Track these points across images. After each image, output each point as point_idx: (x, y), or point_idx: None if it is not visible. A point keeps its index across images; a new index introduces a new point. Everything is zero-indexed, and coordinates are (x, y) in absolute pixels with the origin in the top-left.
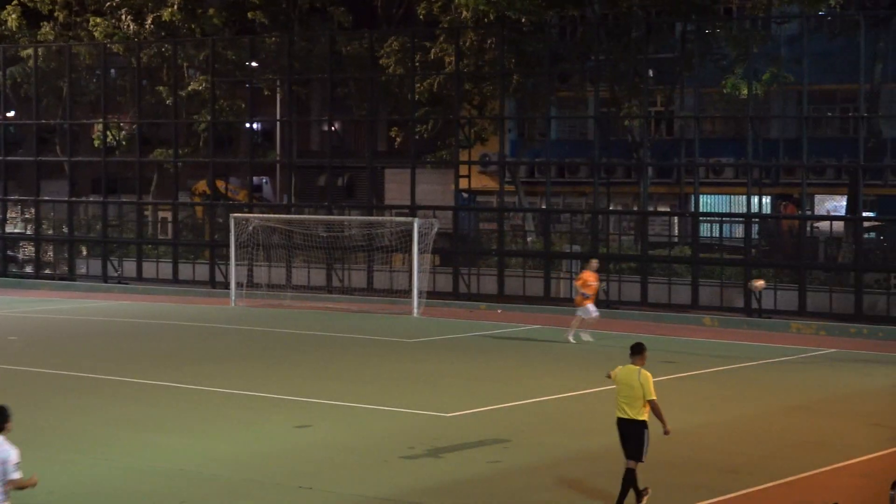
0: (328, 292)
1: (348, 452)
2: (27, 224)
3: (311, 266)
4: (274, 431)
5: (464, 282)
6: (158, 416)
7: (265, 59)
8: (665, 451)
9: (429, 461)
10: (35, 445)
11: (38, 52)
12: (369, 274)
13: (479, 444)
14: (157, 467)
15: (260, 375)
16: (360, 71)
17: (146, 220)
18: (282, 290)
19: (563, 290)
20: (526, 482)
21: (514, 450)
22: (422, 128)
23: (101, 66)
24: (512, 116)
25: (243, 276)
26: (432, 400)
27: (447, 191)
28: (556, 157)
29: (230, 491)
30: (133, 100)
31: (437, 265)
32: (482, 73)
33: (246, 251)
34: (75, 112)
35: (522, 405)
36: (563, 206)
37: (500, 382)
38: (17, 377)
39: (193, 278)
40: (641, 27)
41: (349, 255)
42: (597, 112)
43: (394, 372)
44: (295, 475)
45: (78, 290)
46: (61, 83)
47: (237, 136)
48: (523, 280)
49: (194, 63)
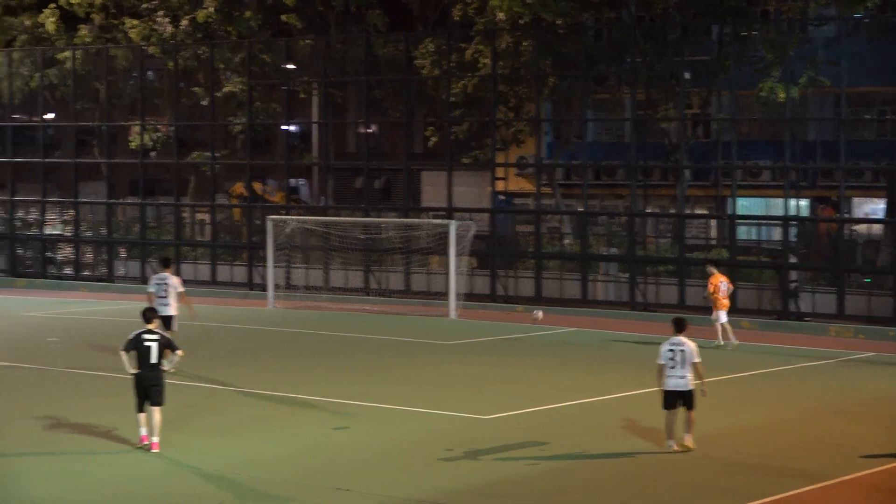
0: (365, 294)
1: (386, 454)
2: (66, 226)
3: (348, 268)
4: (311, 433)
5: (501, 284)
6: (196, 418)
7: (301, 61)
8: (700, 454)
9: (466, 463)
10: (74, 446)
11: (76, 54)
12: (406, 276)
13: (516, 446)
14: (195, 468)
15: (297, 377)
16: (396, 73)
17: (184, 222)
18: (319, 292)
19: (600, 292)
20: (563, 484)
21: (552, 452)
22: (458, 129)
23: (138, 69)
24: (548, 119)
25: (281, 278)
26: (470, 402)
27: (484, 193)
28: (593, 159)
29: (268, 492)
30: (170, 102)
31: (474, 267)
32: (518, 76)
33: (283, 253)
34: (112, 114)
35: (560, 408)
36: (600, 208)
37: (538, 385)
38: (56, 378)
39: (231, 280)
40: (678, 29)
41: (386, 257)
42: (633, 114)
43: (431, 374)
44: (332, 477)
45: (116, 292)
46: (98, 85)
47: (273, 139)
48: (560, 282)
49: (230, 65)
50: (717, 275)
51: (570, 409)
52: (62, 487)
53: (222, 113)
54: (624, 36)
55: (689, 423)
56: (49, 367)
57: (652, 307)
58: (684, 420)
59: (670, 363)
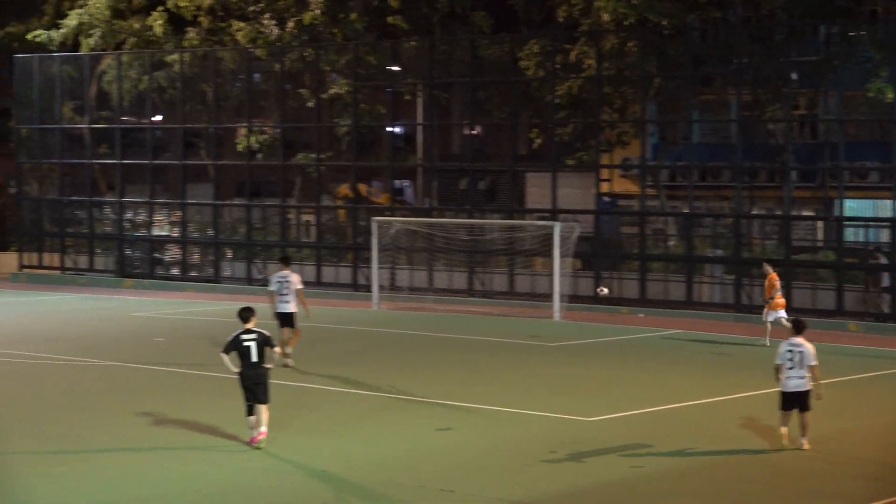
0: (469, 296)
1: (490, 456)
2: (173, 227)
3: (452, 269)
4: (415, 434)
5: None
6: (301, 418)
7: (406, 63)
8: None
9: (570, 465)
10: (179, 444)
11: (184, 57)
12: (510, 277)
13: (620, 448)
14: (300, 468)
15: (401, 378)
16: (501, 74)
17: (289, 223)
18: (423, 293)
19: (705, 294)
20: (668, 487)
21: (657, 455)
22: (562, 131)
23: (245, 71)
24: (653, 120)
25: (385, 279)
26: (574, 404)
27: (588, 194)
28: (698, 160)
29: (372, 493)
30: (276, 104)
31: (579, 269)
32: (623, 77)
33: (388, 254)
34: (220, 116)
35: (664, 410)
36: (706, 209)
37: (642, 387)
38: (163, 378)
39: (336, 281)
40: (784, 30)
41: (490, 258)
42: (739, 115)
43: (535, 375)
44: (436, 478)
45: (222, 292)
46: (206, 88)
47: (378, 140)
48: (665, 284)
49: (336, 67)
50: (774, 274)
51: (675, 411)
52: (167, 486)
53: (328, 115)
54: (730, 36)
55: (804, 426)
56: (156, 367)
57: (757, 309)
58: (798, 422)
59: (788, 364)
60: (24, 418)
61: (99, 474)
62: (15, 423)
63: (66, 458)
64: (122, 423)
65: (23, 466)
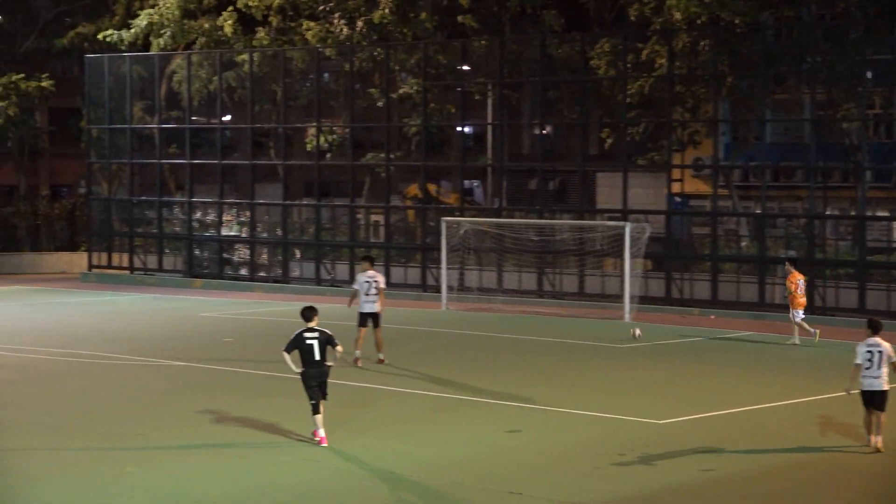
0: (539, 296)
1: (558, 458)
2: (242, 227)
3: (521, 270)
4: (483, 435)
5: (676, 287)
6: (367, 419)
7: (476, 62)
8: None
9: (639, 468)
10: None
11: (254, 56)
12: (580, 278)
13: (691, 451)
14: (367, 469)
15: (470, 379)
16: (571, 73)
17: (358, 224)
18: (493, 294)
19: (777, 295)
20: (739, 492)
21: (727, 459)
22: (633, 130)
23: (315, 71)
24: (726, 119)
25: (454, 280)
26: (643, 406)
27: (659, 195)
28: (771, 160)
29: (438, 495)
30: (345, 103)
31: (649, 270)
32: (695, 76)
33: (457, 255)
34: (289, 116)
35: (735, 413)
36: (778, 210)
37: (713, 390)
38: (232, 378)
39: (405, 281)
40: (859, 28)
41: (560, 259)
42: (813, 115)
43: (605, 377)
44: (504, 480)
45: (291, 293)
46: (275, 87)
47: (448, 140)
48: (737, 285)
49: (405, 66)
50: (796, 273)
51: (747, 413)
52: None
53: (397, 114)
54: (804, 35)
55: (879, 425)
56: (225, 367)
57: (831, 311)
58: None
59: (867, 363)
60: (93, 418)
61: (167, 474)
62: (84, 423)
63: (135, 457)
64: (190, 423)
65: (92, 466)
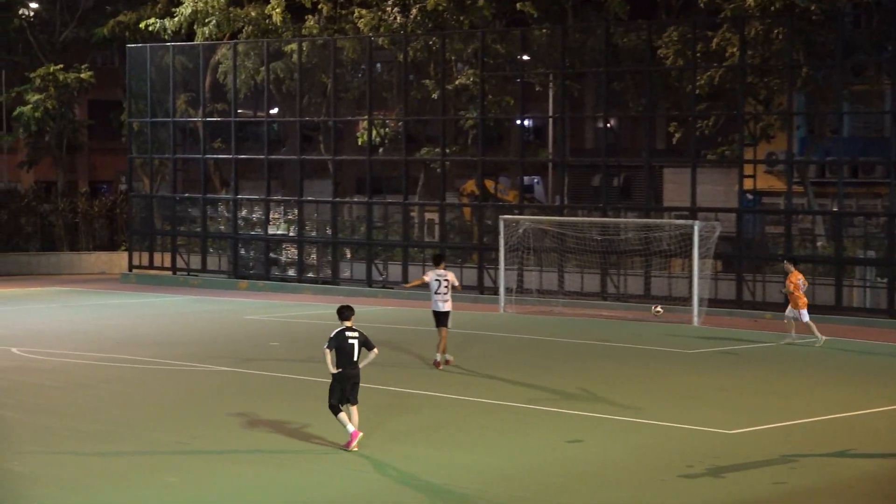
0: (602, 299)
1: (622, 470)
2: (290, 225)
3: (584, 271)
4: (543, 445)
5: (748, 289)
6: (422, 427)
7: (536, 52)
8: None
9: (707, 481)
10: (291, 451)
11: (303, 46)
12: (646, 280)
13: (762, 463)
14: (422, 481)
15: (529, 386)
16: (637, 64)
17: (412, 222)
18: (553, 296)
19: (855, 298)
20: None
21: (801, 470)
22: (703, 124)
23: (367, 61)
24: (801, 112)
25: (513, 281)
26: (712, 415)
27: (730, 192)
28: (849, 155)
29: None
30: (399, 95)
31: (719, 271)
32: (768, 66)
33: (516, 255)
34: (339, 109)
35: (811, 422)
36: (857, 208)
37: (786, 398)
38: (278, 384)
39: (461, 283)
40: None
41: (625, 259)
42: (894, 107)
43: (671, 385)
44: (565, 492)
45: (341, 295)
46: (325, 79)
47: (507, 134)
48: (812, 288)
49: (462, 57)
50: (796, 272)
51: (822, 424)
52: (277, 496)
53: (453, 107)
54: (884, 22)
55: None
56: (271, 372)
57: None
58: None
59: None
60: (132, 424)
61: (208, 483)
62: (123, 429)
63: (175, 465)
64: (232, 430)
65: (130, 475)
